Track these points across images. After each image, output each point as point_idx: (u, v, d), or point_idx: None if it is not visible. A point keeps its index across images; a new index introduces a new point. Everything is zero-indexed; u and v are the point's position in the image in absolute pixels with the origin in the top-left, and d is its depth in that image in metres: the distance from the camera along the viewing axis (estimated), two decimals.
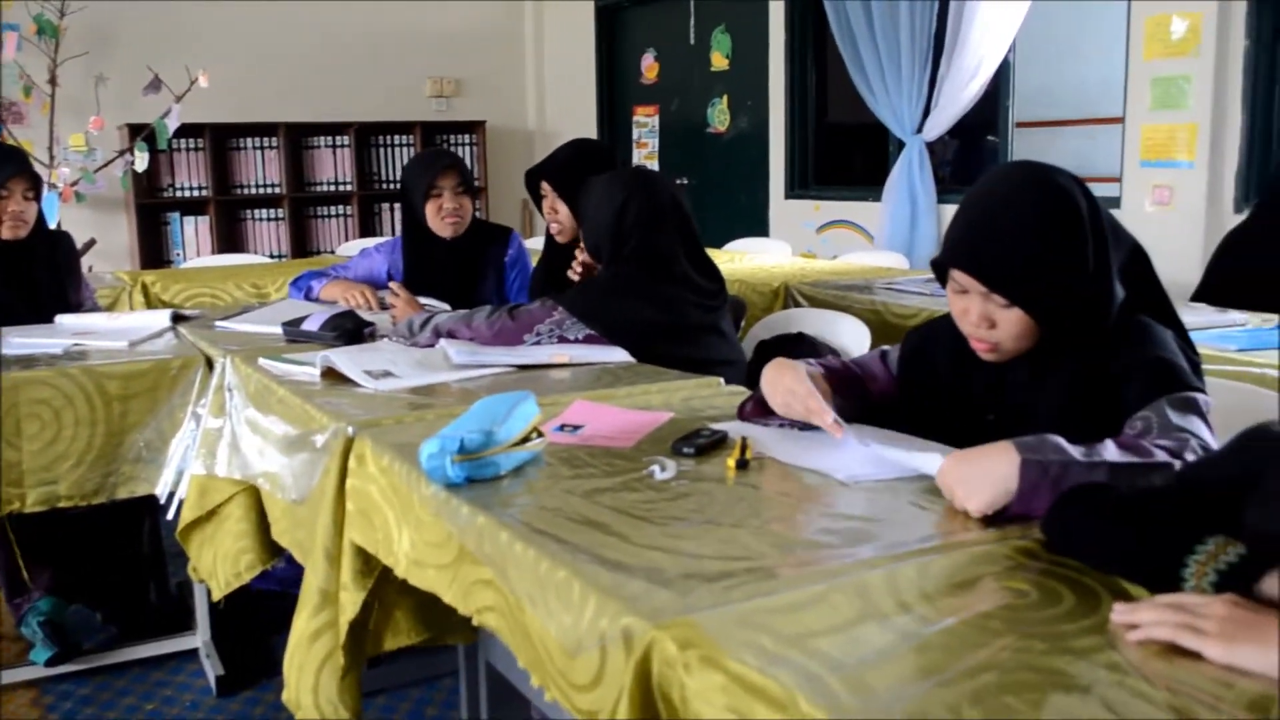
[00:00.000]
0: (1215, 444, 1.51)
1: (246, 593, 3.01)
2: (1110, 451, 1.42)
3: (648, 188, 2.59)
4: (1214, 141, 4.44)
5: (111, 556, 3.22)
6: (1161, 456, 1.41)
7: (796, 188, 6.53)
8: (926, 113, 5.54)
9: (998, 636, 1.09)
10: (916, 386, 1.90)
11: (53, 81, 6.34)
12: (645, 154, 7.67)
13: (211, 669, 2.99)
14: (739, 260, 4.75)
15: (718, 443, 1.76)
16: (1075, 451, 1.40)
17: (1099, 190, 5.19)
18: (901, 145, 5.68)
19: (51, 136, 6.32)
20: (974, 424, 1.76)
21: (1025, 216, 1.64)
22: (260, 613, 3.20)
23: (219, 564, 2.56)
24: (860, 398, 1.92)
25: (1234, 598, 1.09)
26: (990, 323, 1.67)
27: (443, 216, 3.31)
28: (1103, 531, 1.25)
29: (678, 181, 7.35)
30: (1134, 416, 1.55)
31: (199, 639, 3.12)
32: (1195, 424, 1.52)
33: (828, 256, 5.65)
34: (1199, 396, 1.58)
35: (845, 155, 6.76)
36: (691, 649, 1.05)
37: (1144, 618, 1.09)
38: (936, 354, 1.87)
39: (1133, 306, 1.73)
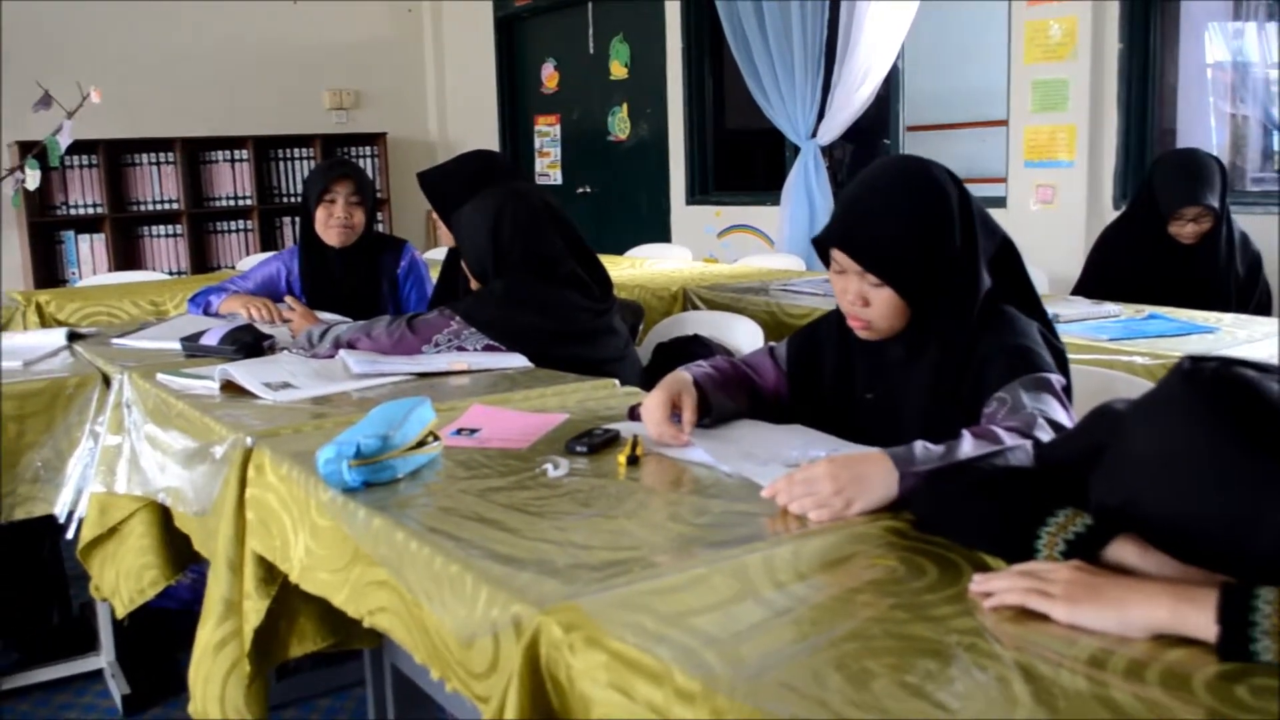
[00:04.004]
0: (1069, 420, 1.63)
1: (151, 611, 3.00)
2: (966, 445, 1.51)
3: (517, 197, 2.63)
4: (1092, 141, 4.63)
5: (11, 580, 3.18)
6: (1010, 440, 1.52)
7: (697, 194, 6.64)
8: (821, 118, 5.67)
9: (865, 608, 1.16)
10: (805, 374, 2.00)
11: None
12: (548, 163, 7.72)
13: (117, 688, 2.97)
14: (639, 266, 4.82)
15: (610, 441, 1.82)
16: (937, 454, 1.49)
17: (987, 190, 5.37)
18: (797, 150, 5.81)
19: None
20: (854, 403, 1.87)
21: (896, 201, 1.76)
22: (166, 630, 3.18)
23: (121, 581, 2.54)
24: (750, 394, 2.00)
25: (1079, 564, 1.18)
26: (864, 301, 1.78)
27: (330, 224, 3.32)
28: (965, 509, 1.34)
29: (580, 190, 7.41)
30: (991, 397, 1.67)
31: (104, 659, 3.10)
32: (1047, 402, 1.63)
33: (730, 261, 5.75)
34: (1052, 377, 1.69)
35: (744, 161, 6.87)
36: (576, 631, 1.11)
37: (998, 585, 1.17)
38: (824, 344, 1.98)
39: (1001, 297, 1.84)
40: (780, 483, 1.48)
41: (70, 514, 2.67)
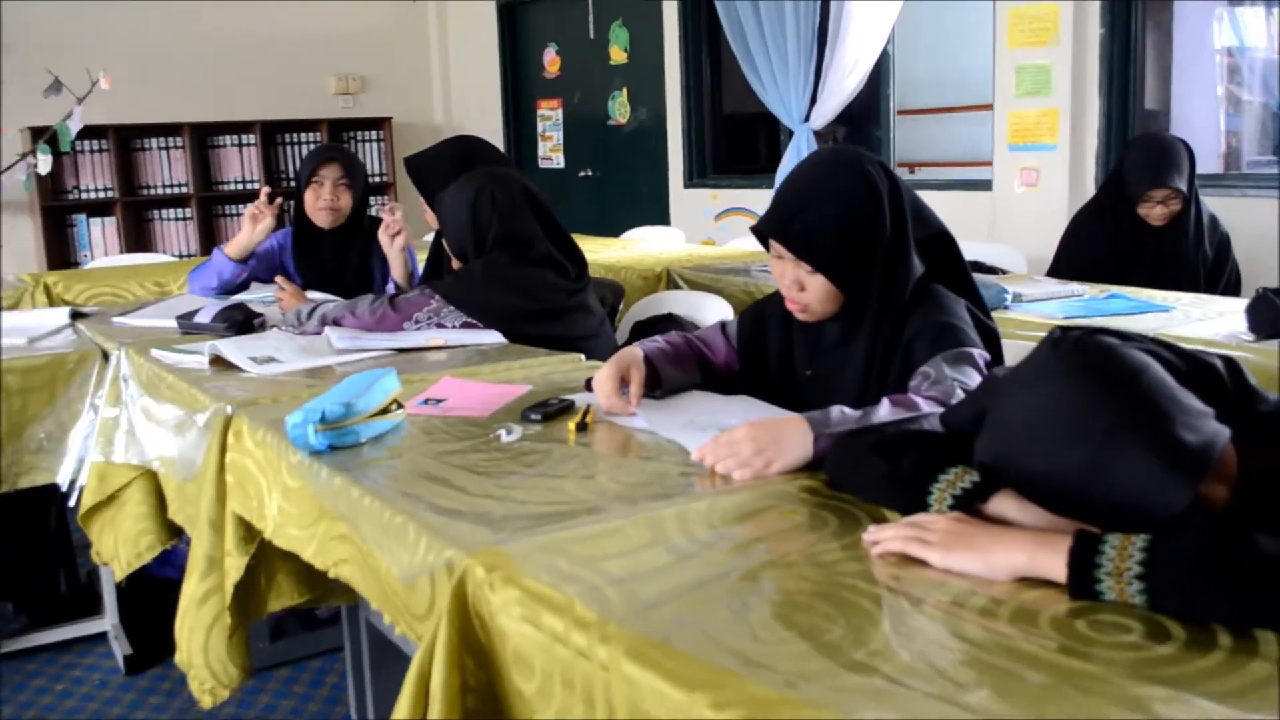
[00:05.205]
0: None
1: (155, 579, 3.16)
2: (884, 410, 1.63)
3: (497, 180, 2.75)
4: (1074, 125, 4.72)
5: (20, 549, 3.33)
6: (927, 408, 1.64)
7: (695, 177, 6.74)
8: (814, 103, 5.77)
9: (762, 554, 1.29)
10: (753, 350, 2.12)
11: None
12: (550, 147, 7.83)
13: (120, 649, 3.12)
14: (630, 247, 4.94)
15: (564, 410, 1.95)
16: (853, 417, 1.61)
17: (974, 174, 5.46)
18: (791, 134, 5.91)
19: None
20: (794, 378, 2.00)
21: (828, 193, 1.87)
22: (167, 596, 3.31)
23: (120, 546, 2.68)
24: (702, 368, 2.13)
25: (958, 515, 1.30)
26: (801, 286, 1.90)
27: (318, 205, 3.45)
28: (867, 467, 1.46)
29: (582, 174, 7.53)
30: (916, 372, 1.78)
31: (108, 622, 3.25)
32: (967, 373, 1.75)
33: (725, 243, 5.86)
34: (974, 351, 1.81)
35: (742, 144, 6.98)
36: (496, 571, 1.23)
37: (884, 535, 1.29)
38: (769, 322, 2.10)
39: (936, 280, 1.96)
40: (707, 445, 1.61)
41: (73, 483, 2.82)
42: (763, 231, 1.94)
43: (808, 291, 1.91)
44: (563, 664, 1.12)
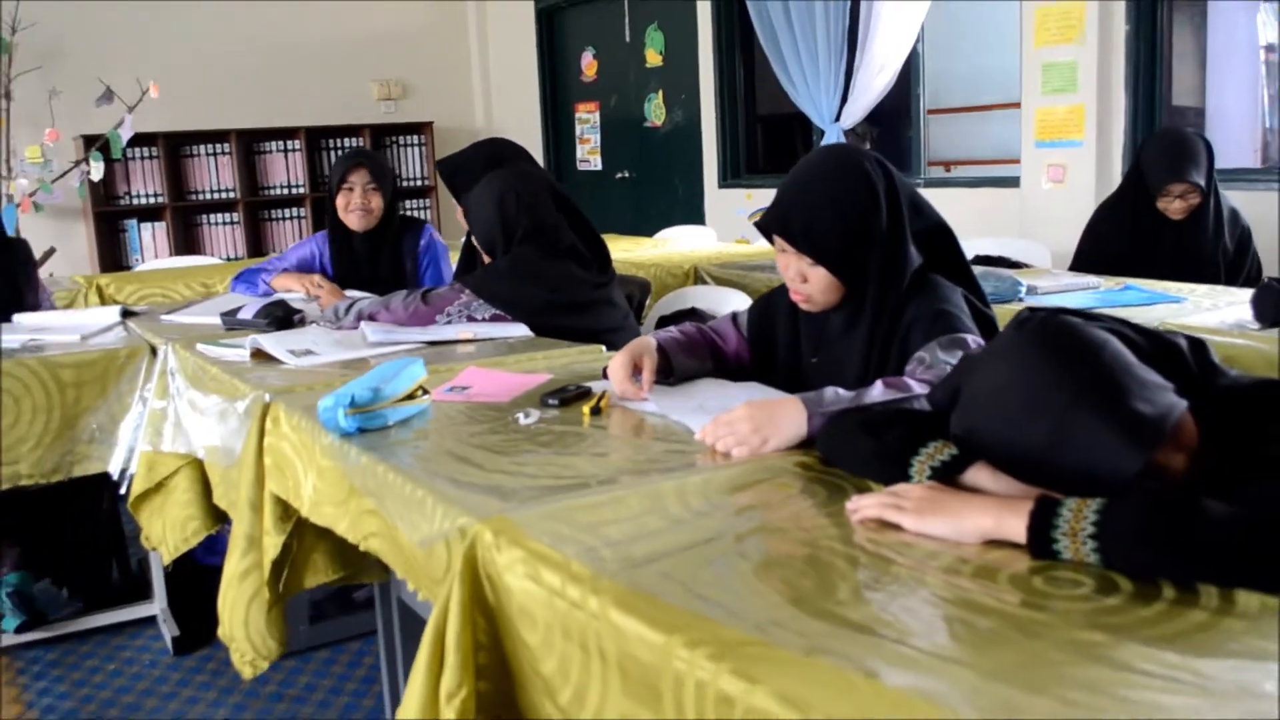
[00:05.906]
0: None
1: (202, 566, 3.31)
2: (876, 391, 1.73)
3: (521, 176, 2.87)
4: (1100, 121, 4.77)
5: (74, 537, 3.49)
6: (919, 389, 1.73)
7: (729, 177, 6.84)
8: (844, 103, 5.85)
9: (750, 521, 1.39)
10: (762, 339, 2.22)
11: (7, 96, 6.57)
12: (588, 149, 7.95)
13: (168, 632, 3.26)
14: (661, 246, 5.05)
15: (581, 395, 2.05)
16: (846, 398, 1.71)
17: (1003, 170, 5.50)
18: (823, 134, 5.99)
19: (8, 149, 6.54)
20: (801, 366, 2.10)
21: (827, 189, 1.96)
22: (212, 580, 3.45)
23: (168, 531, 2.82)
24: (714, 357, 2.23)
25: (933, 484, 1.39)
26: (803, 278, 1.99)
27: (350, 209, 3.59)
28: (855, 443, 1.55)
29: (619, 175, 7.64)
30: (912, 357, 1.87)
31: (157, 607, 3.40)
32: (959, 357, 1.83)
33: (758, 241, 5.94)
34: (968, 337, 1.89)
35: (775, 145, 7.06)
36: (503, 535, 1.34)
37: (864, 503, 1.39)
38: (777, 313, 2.19)
39: (935, 270, 2.05)
40: (708, 425, 1.71)
41: (123, 471, 2.97)
42: (765, 227, 2.03)
43: (810, 283, 2.00)
44: (561, 615, 1.22)
